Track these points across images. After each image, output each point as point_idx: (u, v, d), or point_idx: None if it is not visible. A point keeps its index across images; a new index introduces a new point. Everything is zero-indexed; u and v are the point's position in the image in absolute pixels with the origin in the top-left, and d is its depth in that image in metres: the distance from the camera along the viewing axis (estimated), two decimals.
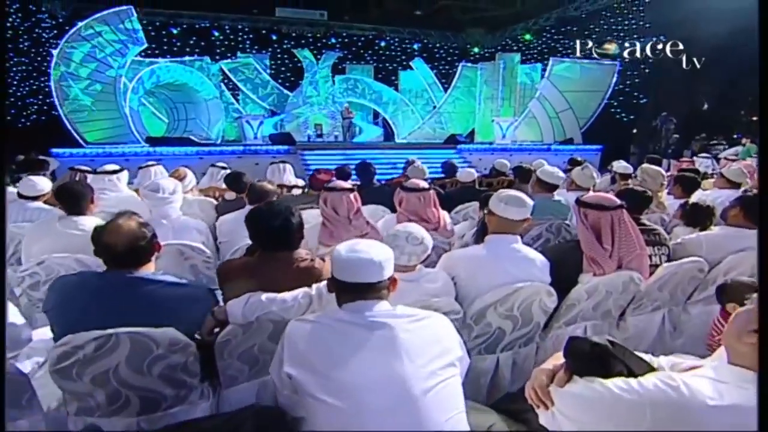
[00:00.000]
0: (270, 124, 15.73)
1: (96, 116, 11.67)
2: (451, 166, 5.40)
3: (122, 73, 11.84)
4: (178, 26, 15.44)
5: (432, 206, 2.77)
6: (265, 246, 1.74)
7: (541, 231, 2.91)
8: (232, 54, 16.09)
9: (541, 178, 3.13)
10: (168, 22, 15.31)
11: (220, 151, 11.64)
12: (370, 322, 1.21)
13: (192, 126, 14.33)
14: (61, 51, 11.22)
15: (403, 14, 16.54)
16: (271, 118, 16.10)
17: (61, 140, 11.08)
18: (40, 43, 13.41)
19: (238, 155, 11.59)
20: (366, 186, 4.06)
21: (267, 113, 16.10)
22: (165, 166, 10.36)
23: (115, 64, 11.72)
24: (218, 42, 16.09)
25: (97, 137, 11.67)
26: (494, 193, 2.04)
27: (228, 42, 16.30)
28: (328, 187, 2.58)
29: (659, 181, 3.58)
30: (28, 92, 13.36)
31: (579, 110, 14.89)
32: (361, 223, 2.58)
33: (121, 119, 11.81)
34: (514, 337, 1.95)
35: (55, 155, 10.05)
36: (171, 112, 14.61)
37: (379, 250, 1.27)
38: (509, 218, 1.94)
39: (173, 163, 10.75)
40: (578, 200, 2.12)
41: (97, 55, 11.53)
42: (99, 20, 11.51)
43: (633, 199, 2.41)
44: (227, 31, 16.25)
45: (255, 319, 1.51)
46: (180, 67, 13.81)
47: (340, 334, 1.20)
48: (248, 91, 16.09)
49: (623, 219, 2.03)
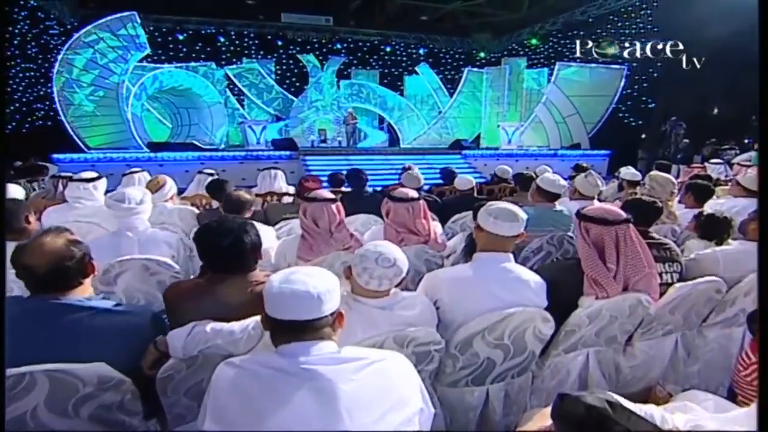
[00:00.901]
0: (275, 129, 15.72)
1: (98, 122, 11.64)
2: (450, 173, 5.09)
3: (125, 79, 11.80)
4: (184, 32, 15.48)
5: (422, 217, 2.55)
6: (214, 267, 1.54)
7: (542, 243, 2.69)
8: (237, 59, 16.12)
9: (541, 186, 2.84)
10: (174, 28, 15.37)
11: (221, 157, 11.55)
12: (303, 370, 0.99)
13: (195, 131, 14.30)
14: (63, 58, 11.20)
15: (409, 19, 16.41)
16: (276, 123, 16.11)
17: (64, 145, 11.05)
18: (48, 49, 13.45)
19: (239, 160, 11.48)
20: (358, 193, 3.85)
21: (272, 118, 16.13)
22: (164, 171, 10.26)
23: (118, 70, 11.69)
24: (224, 48, 16.11)
25: (99, 143, 11.63)
26: (484, 205, 1.83)
27: (234, 48, 16.33)
28: (308, 197, 2.38)
29: (669, 189, 3.33)
30: (35, 98, 13.41)
31: (586, 115, 14.67)
32: (344, 236, 2.38)
33: (124, 124, 11.77)
34: (506, 368, 1.73)
35: (56, 161, 10.02)
36: (174, 117, 14.60)
37: (319, 280, 1.06)
38: (499, 234, 1.73)
39: (174, 168, 10.71)
40: (579, 213, 1.88)
41: (99, 61, 11.51)
42: (100, 26, 11.49)
43: (641, 210, 2.18)
44: (233, 37, 16.28)
45: (198, 352, 1.31)
46: (183, 73, 13.78)
47: (265, 385, 0.98)
48: (253, 97, 16.08)
49: (630, 235, 1.81)
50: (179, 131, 14.41)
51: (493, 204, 1.80)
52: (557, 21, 15.88)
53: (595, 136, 14.79)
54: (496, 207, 1.76)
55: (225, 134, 14.88)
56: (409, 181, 4.12)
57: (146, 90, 12.94)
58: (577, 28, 15.43)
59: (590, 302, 1.77)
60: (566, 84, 14.66)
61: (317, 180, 3.75)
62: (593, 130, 14.82)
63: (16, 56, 12.97)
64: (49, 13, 13.42)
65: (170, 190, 3.28)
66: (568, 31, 16.01)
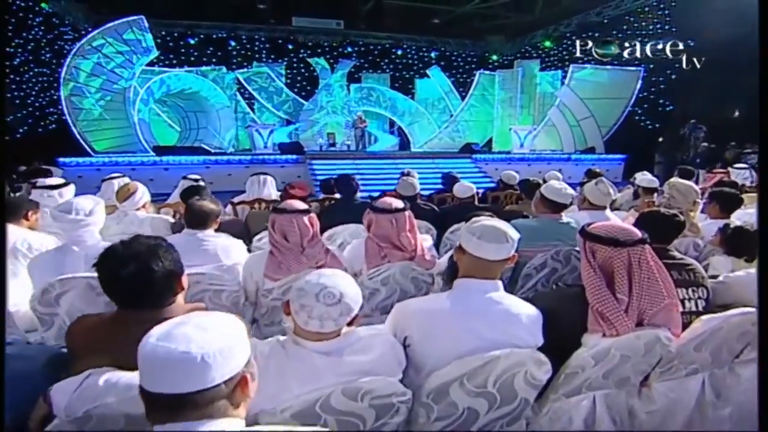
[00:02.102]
0: (284, 133, 15.64)
1: (105, 125, 11.61)
2: (451, 179, 4.66)
3: (132, 83, 11.77)
4: (195, 36, 15.47)
5: (407, 230, 2.27)
6: (119, 301, 1.27)
7: (546, 259, 2.37)
8: (248, 63, 16.08)
9: (546, 196, 2.55)
10: (186, 32, 15.37)
11: (227, 160, 11.41)
12: None
13: (203, 135, 14.26)
14: (70, 64, 11.21)
15: (421, 23, 16.18)
16: (286, 127, 16.04)
17: (71, 150, 11.01)
18: (62, 54, 13.50)
19: (245, 164, 11.31)
20: (348, 201, 3.58)
21: (282, 122, 16.07)
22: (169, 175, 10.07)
23: (125, 74, 11.66)
24: (234, 52, 16.04)
25: (106, 146, 11.59)
26: (468, 221, 1.53)
27: (245, 51, 16.26)
28: (276, 208, 2.12)
29: (692, 198, 2.98)
30: (48, 102, 13.47)
31: (601, 118, 14.25)
32: (317, 252, 2.10)
33: (131, 128, 11.72)
34: (493, 418, 1.43)
35: (61, 164, 9.97)
36: (183, 121, 14.60)
37: (212, 336, 0.79)
38: (483, 258, 1.43)
39: (179, 172, 10.49)
40: (583, 231, 1.56)
41: (107, 66, 11.50)
42: (106, 31, 11.50)
43: (660, 225, 1.87)
44: (244, 41, 16.23)
45: (84, 413, 1.04)
46: (191, 76, 13.75)
47: None
48: (263, 100, 16.00)
49: (645, 258, 1.49)
50: (188, 135, 14.38)
51: (477, 221, 1.49)
52: (571, 23, 15.47)
53: (610, 139, 14.37)
54: (481, 225, 1.46)
55: (234, 138, 14.79)
56: (404, 188, 3.79)
57: (153, 94, 12.90)
58: (591, 29, 15.00)
59: (596, 341, 1.45)
60: (580, 86, 14.26)
61: (305, 187, 3.48)
62: (608, 133, 14.39)
63: (29, 61, 13.02)
64: (64, 18, 13.50)
65: (142, 197, 3.04)
66: (583, 32, 15.58)
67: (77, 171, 10.28)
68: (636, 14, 14.39)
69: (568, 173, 12.82)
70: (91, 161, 10.61)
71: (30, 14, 12.91)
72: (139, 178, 5.26)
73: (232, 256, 2.28)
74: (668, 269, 1.65)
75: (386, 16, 16.16)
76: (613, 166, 13.76)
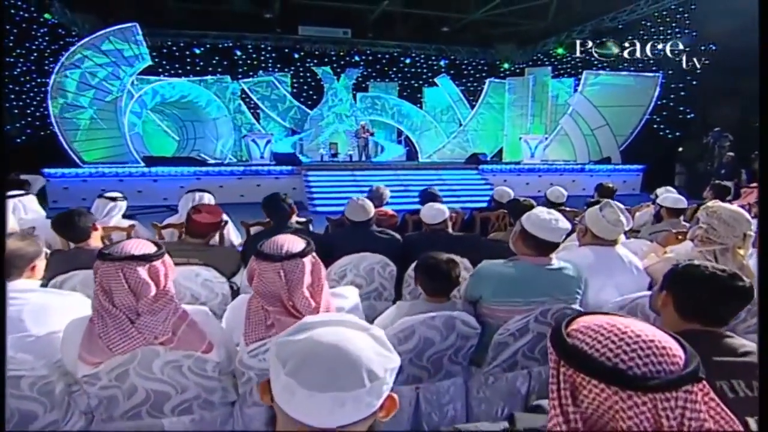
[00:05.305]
0: (288, 143, 15.24)
1: (95, 136, 11.24)
2: (430, 196, 3.77)
3: (123, 93, 11.41)
4: (201, 46, 15.22)
5: (304, 286, 1.53)
6: None
7: (528, 321, 1.71)
8: (254, 73, 15.78)
9: (527, 230, 1.83)
10: (192, 42, 15.15)
11: (218, 172, 10.92)
12: None
13: (200, 145, 13.91)
14: (54, 82, 10.90)
15: (430, 31, 15.68)
16: (291, 137, 15.63)
17: (61, 160, 10.63)
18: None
19: (237, 176, 10.83)
20: (279, 229, 2.75)
21: (287, 132, 15.77)
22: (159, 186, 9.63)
23: (114, 87, 11.30)
24: (240, 61, 15.75)
25: (95, 157, 11.19)
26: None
27: (250, 61, 15.97)
28: (102, 253, 1.42)
29: (741, 231, 2.07)
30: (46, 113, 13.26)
31: (617, 126, 13.48)
32: (159, 320, 1.41)
33: (121, 138, 11.33)
34: None
35: (47, 175, 9.60)
36: (181, 131, 14.27)
37: None
38: None
39: (169, 183, 10.12)
40: (556, 335, 0.70)
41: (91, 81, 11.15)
42: (85, 45, 11.21)
43: (711, 295, 1.19)
44: (250, 50, 15.94)
45: None
46: (186, 84, 13.39)
47: None
48: (268, 110, 15.65)
49: (694, 408, 0.61)
50: (185, 144, 14.02)
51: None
52: (585, 29, 14.75)
53: (627, 149, 13.60)
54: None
55: (232, 147, 14.37)
56: (354, 212, 2.84)
57: (146, 105, 12.55)
58: (606, 35, 14.25)
59: None
60: (595, 93, 13.51)
61: (216, 211, 2.67)
62: (625, 142, 13.60)
63: (31, 71, 12.84)
64: (70, 29, 13.32)
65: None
66: (597, 39, 14.86)
67: (63, 182, 9.90)
68: (653, 18, 13.63)
69: (582, 185, 12.11)
70: (77, 172, 10.17)
71: (34, 25, 12.77)
72: (126, 190, 4.75)
73: (50, 322, 1.60)
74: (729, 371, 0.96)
75: (394, 24, 15.74)
76: (631, 177, 13.01)
